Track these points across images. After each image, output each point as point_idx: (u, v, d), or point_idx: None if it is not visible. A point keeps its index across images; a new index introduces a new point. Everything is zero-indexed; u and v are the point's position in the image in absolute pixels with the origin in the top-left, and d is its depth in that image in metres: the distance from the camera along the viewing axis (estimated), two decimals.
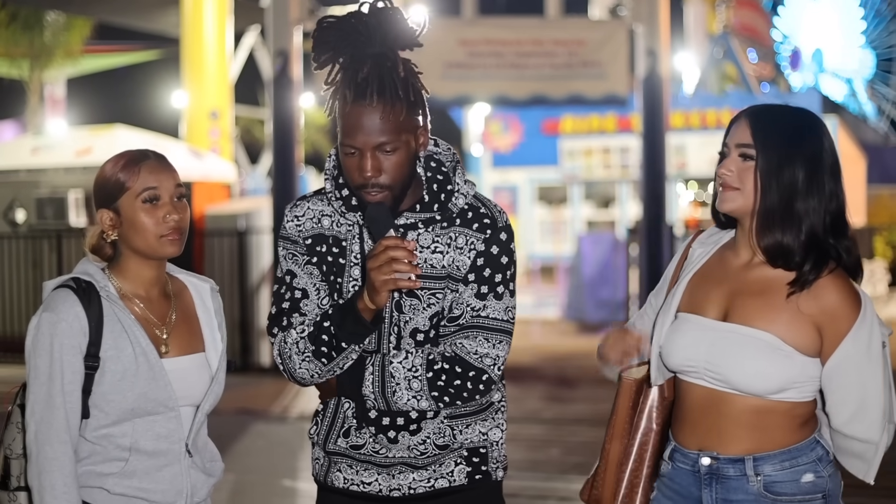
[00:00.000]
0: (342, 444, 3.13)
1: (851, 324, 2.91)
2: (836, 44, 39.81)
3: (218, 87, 21.98)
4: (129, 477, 2.97)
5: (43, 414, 2.90)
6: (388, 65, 2.92)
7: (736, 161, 3.00)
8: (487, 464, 3.15)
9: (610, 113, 24.82)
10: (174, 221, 3.03)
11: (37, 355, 2.94)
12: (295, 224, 3.13)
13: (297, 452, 9.86)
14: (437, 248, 3.05)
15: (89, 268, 3.05)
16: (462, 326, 3.02)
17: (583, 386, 12.51)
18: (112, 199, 3.04)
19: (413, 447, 3.08)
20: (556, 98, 16.82)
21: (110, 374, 2.95)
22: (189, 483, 3.06)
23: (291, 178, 15.99)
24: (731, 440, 2.97)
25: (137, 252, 3.05)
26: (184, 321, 3.13)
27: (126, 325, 2.98)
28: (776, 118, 3.00)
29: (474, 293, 3.03)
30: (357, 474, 3.13)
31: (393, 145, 2.93)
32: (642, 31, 16.81)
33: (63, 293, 2.97)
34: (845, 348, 2.91)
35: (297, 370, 3.03)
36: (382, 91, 2.90)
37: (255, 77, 32.47)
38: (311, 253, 3.10)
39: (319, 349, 2.99)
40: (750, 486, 2.95)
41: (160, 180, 3.03)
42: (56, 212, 16.07)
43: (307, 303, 3.06)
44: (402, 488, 3.11)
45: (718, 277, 3.05)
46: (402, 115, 2.93)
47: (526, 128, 25.64)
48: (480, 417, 3.13)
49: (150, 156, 3.06)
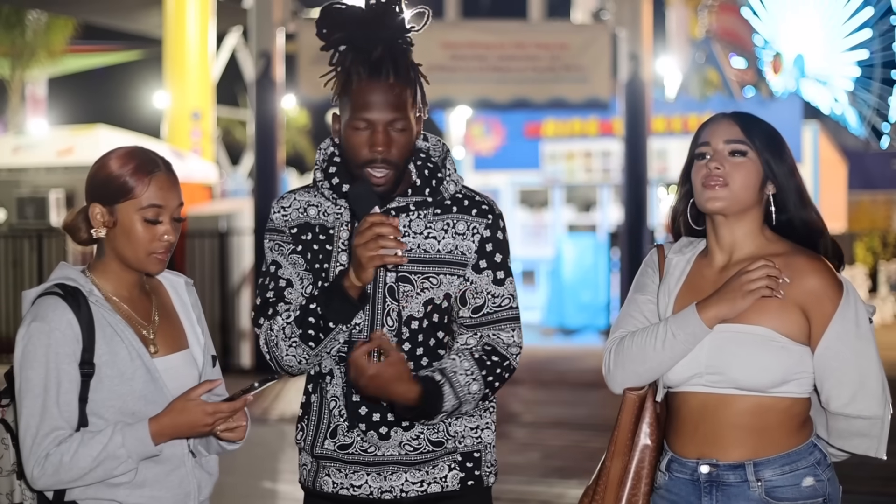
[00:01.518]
0: (329, 447, 3.11)
1: (837, 303, 2.92)
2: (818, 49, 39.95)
3: (200, 87, 21.92)
4: (140, 487, 2.91)
5: (39, 427, 2.82)
6: (402, 47, 3.03)
7: (726, 158, 3.00)
8: (480, 468, 3.14)
9: (592, 117, 24.80)
10: (168, 242, 2.97)
11: (29, 367, 2.84)
12: (281, 215, 3.14)
13: (278, 454, 9.83)
14: (431, 234, 3.08)
15: (69, 272, 2.97)
16: (488, 317, 3.11)
17: (563, 389, 12.52)
18: (111, 200, 2.94)
19: (406, 443, 3.07)
20: (538, 101, 16.84)
21: (108, 378, 2.89)
22: (196, 484, 3.02)
23: (273, 179, 15.97)
24: (731, 446, 2.95)
25: (120, 258, 2.97)
26: (165, 319, 3.07)
27: (117, 328, 2.92)
28: (759, 120, 3.06)
29: (491, 280, 3.11)
30: (346, 478, 3.09)
31: (403, 124, 3.00)
32: (625, 36, 16.85)
33: (51, 300, 2.88)
34: (834, 328, 2.91)
35: (285, 357, 3.02)
36: (398, 70, 2.99)
37: (237, 78, 32.42)
38: (297, 241, 3.11)
39: (306, 332, 2.98)
40: (751, 492, 2.93)
41: (167, 199, 2.95)
42: (37, 211, 16.03)
43: (291, 291, 3.06)
44: (394, 490, 3.08)
45: (701, 287, 3.04)
46: (411, 97, 3.03)
47: (508, 131, 25.60)
48: (473, 411, 3.13)
49: (160, 166, 2.97)
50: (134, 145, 3.05)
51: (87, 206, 2.98)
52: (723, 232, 3.05)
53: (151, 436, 2.85)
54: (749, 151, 3.00)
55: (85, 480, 2.84)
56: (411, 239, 3.06)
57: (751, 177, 3.00)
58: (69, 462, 2.81)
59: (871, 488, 8.01)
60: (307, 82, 16.13)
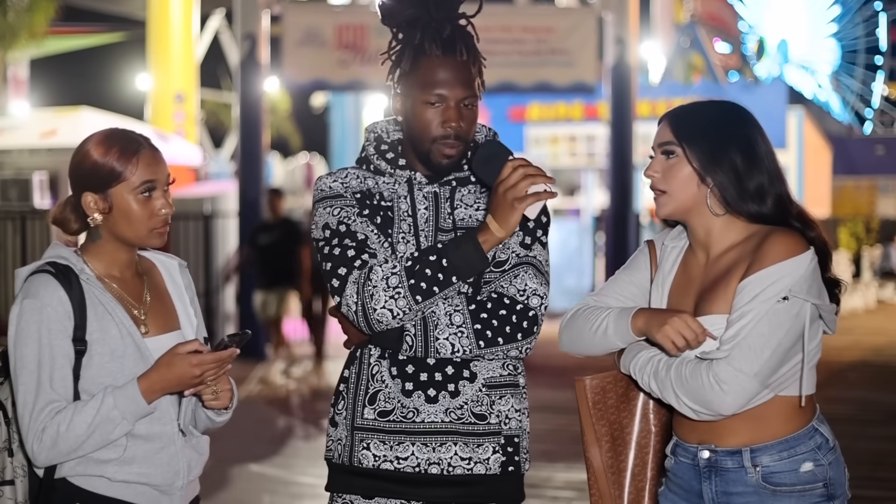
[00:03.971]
0: (369, 416, 3.04)
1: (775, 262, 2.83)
2: (802, 35, 39.99)
3: (183, 70, 21.86)
4: (128, 463, 2.92)
5: (35, 402, 2.84)
6: (468, 28, 3.12)
7: (660, 161, 3.00)
8: (519, 454, 3.11)
9: (577, 101, 24.82)
10: (165, 214, 3.00)
11: (23, 344, 2.86)
12: (340, 182, 3.13)
13: (264, 437, 9.83)
14: (480, 207, 3.12)
15: (62, 251, 2.98)
16: (506, 270, 3.06)
17: (547, 373, 12.53)
18: (103, 187, 2.94)
19: (451, 411, 3.03)
20: (523, 85, 16.82)
21: (98, 356, 2.90)
22: (185, 463, 3.01)
23: (257, 162, 15.93)
24: (729, 432, 2.94)
25: (121, 239, 2.99)
26: (157, 300, 3.08)
27: (108, 307, 2.93)
28: (697, 114, 3.01)
29: (519, 241, 3.09)
30: (391, 450, 3.03)
31: (472, 101, 3.07)
32: (611, 20, 16.83)
33: (43, 278, 2.89)
34: (752, 277, 2.83)
35: (379, 309, 2.95)
36: (469, 50, 3.07)
37: (220, 60, 32.30)
38: (362, 206, 3.09)
39: (418, 284, 2.94)
40: (748, 477, 2.92)
41: (156, 172, 2.98)
42: (20, 193, 15.92)
43: (373, 243, 3.04)
44: (442, 463, 3.02)
45: (690, 282, 3.04)
46: (479, 77, 3.10)
47: (492, 114, 25.61)
48: (514, 392, 3.10)
49: (143, 144, 2.98)
50: (109, 128, 3.06)
51: (76, 197, 2.99)
52: (693, 228, 3.03)
53: (142, 393, 2.86)
54: (677, 150, 2.97)
55: (84, 449, 2.85)
56: (464, 210, 3.11)
57: (684, 177, 2.97)
58: (66, 431, 2.82)
59: (855, 473, 8.03)
60: (292, 65, 16.07)
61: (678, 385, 2.87)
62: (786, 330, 2.84)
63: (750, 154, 2.95)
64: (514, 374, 3.11)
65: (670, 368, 2.89)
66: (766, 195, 2.94)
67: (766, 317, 2.82)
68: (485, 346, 2.99)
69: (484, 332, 2.99)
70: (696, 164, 2.95)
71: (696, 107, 3.05)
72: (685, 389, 2.86)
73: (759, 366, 2.81)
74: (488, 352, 3.00)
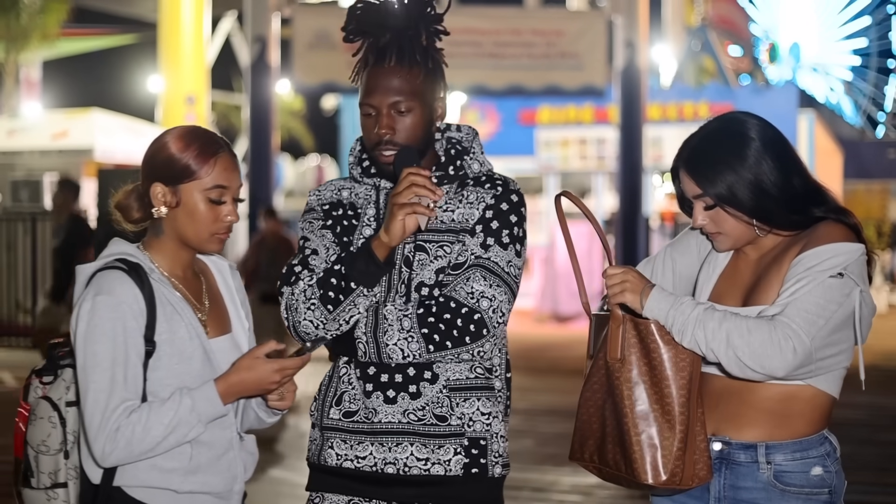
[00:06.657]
0: (335, 416, 3.11)
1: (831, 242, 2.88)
2: (814, 38, 39.91)
3: (194, 72, 21.88)
4: (194, 473, 2.87)
5: (108, 401, 2.76)
6: (409, 34, 3.11)
7: (700, 210, 3.03)
8: (486, 457, 3.11)
9: (587, 104, 24.79)
10: (230, 222, 2.95)
11: (95, 341, 2.78)
12: (316, 197, 3.26)
13: (281, 440, 9.84)
14: (449, 208, 3.15)
15: (126, 248, 2.92)
16: (461, 272, 3.06)
17: (557, 377, 12.52)
18: (174, 180, 2.90)
19: (410, 412, 3.06)
20: (533, 88, 16.83)
21: (167, 357, 2.85)
22: (242, 466, 2.99)
23: (267, 163, 15.96)
24: (747, 425, 2.95)
25: (181, 238, 2.94)
26: (213, 301, 3.03)
27: (177, 306, 2.89)
28: (706, 154, 3.00)
29: (479, 242, 3.10)
30: (351, 449, 3.09)
31: (407, 105, 3.09)
32: (621, 23, 16.83)
33: (115, 274, 2.83)
34: (808, 252, 2.88)
35: (302, 321, 3.02)
36: (401, 55, 3.09)
37: (231, 63, 32.35)
38: (327, 217, 3.20)
39: (327, 293, 3.01)
40: (760, 473, 2.94)
41: (231, 179, 2.94)
42: (31, 194, 15.99)
43: (316, 258, 3.11)
44: (398, 463, 3.06)
45: (735, 271, 3.07)
46: (418, 79, 3.10)
47: (503, 117, 25.61)
48: (480, 395, 3.11)
49: (223, 146, 2.96)
50: (193, 125, 3.06)
51: (145, 185, 2.94)
52: None
53: (220, 396, 2.82)
54: (710, 202, 3.00)
55: (157, 451, 2.79)
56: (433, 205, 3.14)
57: (732, 221, 3.00)
58: (141, 432, 2.76)
59: (863, 479, 8.02)
60: (302, 67, 16.08)
61: (738, 336, 2.81)
62: (838, 304, 2.86)
63: (777, 174, 2.97)
64: (485, 376, 3.12)
65: (725, 319, 2.84)
66: (806, 204, 2.98)
67: (820, 286, 2.84)
68: (434, 350, 3.02)
69: (432, 336, 3.01)
70: (735, 213, 2.98)
71: (706, 144, 3.03)
72: (746, 341, 2.80)
73: (815, 332, 2.82)
74: (438, 356, 3.03)
